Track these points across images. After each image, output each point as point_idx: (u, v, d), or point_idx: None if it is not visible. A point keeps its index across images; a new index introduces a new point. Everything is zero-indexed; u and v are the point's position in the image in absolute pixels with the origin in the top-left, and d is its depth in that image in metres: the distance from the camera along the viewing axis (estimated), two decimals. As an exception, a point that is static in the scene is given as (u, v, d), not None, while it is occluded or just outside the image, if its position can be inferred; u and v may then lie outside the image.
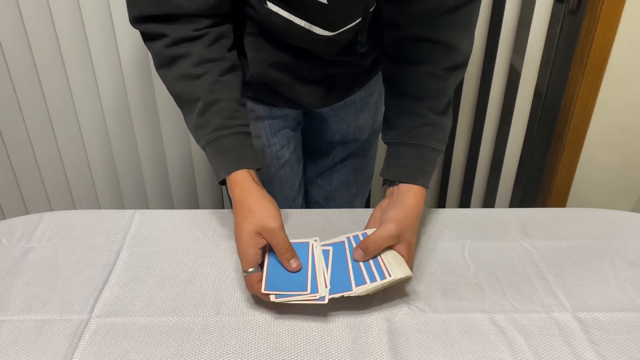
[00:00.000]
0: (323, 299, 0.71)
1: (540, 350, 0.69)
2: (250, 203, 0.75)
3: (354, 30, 0.82)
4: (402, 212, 0.78)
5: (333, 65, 0.92)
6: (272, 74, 0.90)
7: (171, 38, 0.78)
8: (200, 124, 0.80)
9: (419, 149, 0.84)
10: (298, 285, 0.72)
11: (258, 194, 0.76)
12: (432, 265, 0.82)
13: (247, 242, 0.73)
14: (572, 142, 1.54)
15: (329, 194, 1.21)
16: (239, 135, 0.80)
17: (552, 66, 1.50)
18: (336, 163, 1.17)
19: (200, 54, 0.79)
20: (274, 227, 0.73)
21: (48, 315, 0.74)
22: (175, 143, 1.60)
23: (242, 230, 0.74)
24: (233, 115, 0.80)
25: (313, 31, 0.80)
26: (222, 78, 0.80)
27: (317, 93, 0.96)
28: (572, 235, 0.89)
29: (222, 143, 0.79)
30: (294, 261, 0.74)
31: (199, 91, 0.79)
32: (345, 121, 1.09)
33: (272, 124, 1.01)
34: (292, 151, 1.06)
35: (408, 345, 0.69)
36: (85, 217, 0.93)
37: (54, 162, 1.65)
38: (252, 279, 0.73)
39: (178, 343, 0.70)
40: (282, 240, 0.73)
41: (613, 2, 1.32)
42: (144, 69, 1.47)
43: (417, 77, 0.85)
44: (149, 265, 0.83)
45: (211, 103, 0.79)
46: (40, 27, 1.40)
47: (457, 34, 0.83)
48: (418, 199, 0.81)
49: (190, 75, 0.79)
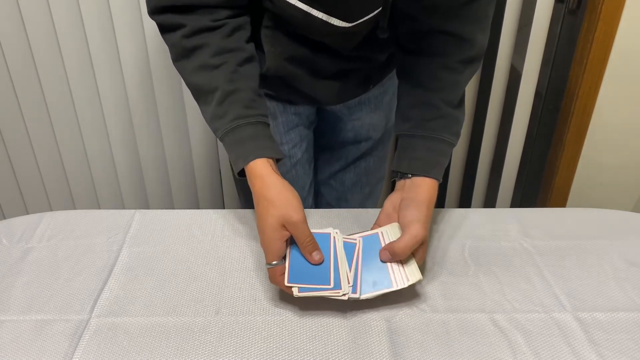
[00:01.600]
0: (345, 295, 0.71)
1: (540, 350, 0.69)
2: (272, 194, 0.74)
3: (372, 21, 0.82)
4: (424, 212, 0.77)
5: (349, 60, 0.93)
6: (288, 67, 0.90)
7: (189, 28, 0.78)
8: (219, 113, 0.79)
9: (432, 141, 0.83)
10: (321, 279, 0.72)
11: (279, 185, 0.75)
12: (432, 265, 0.82)
13: (271, 234, 0.73)
14: (572, 142, 1.54)
15: (341, 194, 1.21)
16: (258, 125, 0.79)
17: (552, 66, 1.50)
18: (349, 163, 1.17)
19: (218, 44, 0.79)
20: (296, 219, 0.72)
21: (48, 315, 0.74)
22: (175, 143, 1.60)
23: (266, 223, 0.73)
24: (251, 105, 0.79)
25: (331, 23, 0.80)
26: (240, 68, 0.80)
27: (332, 88, 0.97)
28: (572, 235, 0.89)
29: (240, 132, 0.78)
30: (316, 254, 0.74)
31: (218, 81, 0.79)
32: (359, 120, 1.09)
33: (286, 122, 1.01)
34: (304, 150, 1.07)
35: (408, 345, 0.69)
36: (85, 217, 0.93)
37: (54, 162, 1.65)
38: (276, 272, 0.73)
39: (178, 343, 0.70)
40: (305, 233, 0.73)
41: (613, 2, 1.32)
42: (144, 69, 1.47)
43: (432, 70, 0.84)
44: (149, 265, 0.83)
45: (229, 93, 0.78)
46: (40, 27, 1.40)
47: (472, 27, 0.83)
48: (431, 193, 0.80)
49: (208, 66, 0.79)
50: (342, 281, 0.72)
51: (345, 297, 0.71)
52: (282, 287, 0.73)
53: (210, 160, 1.64)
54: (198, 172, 1.65)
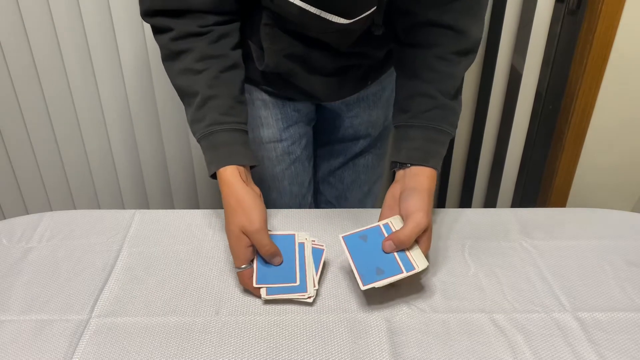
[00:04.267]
0: (311, 298, 0.75)
1: (540, 350, 0.69)
2: (234, 202, 0.78)
3: (369, 18, 0.83)
4: (426, 200, 0.78)
5: (347, 57, 0.94)
6: (287, 64, 0.92)
7: (177, 32, 0.81)
8: (197, 118, 0.82)
9: (430, 131, 0.84)
10: (287, 278, 0.76)
11: (242, 193, 0.78)
12: (432, 265, 0.82)
13: (235, 241, 0.77)
14: (572, 142, 1.54)
15: (341, 192, 1.22)
16: (234, 132, 0.82)
17: (552, 66, 1.50)
18: (348, 160, 1.18)
19: (203, 50, 0.82)
20: (253, 229, 0.76)
21: (48, 315, 0.74)
22: (175, 143, 1.60)
23: (229, 230, 0.77)
24: (228, 112, 0.82)
25: (329, 19, 0.81)
26: (222, 75, 0.82)
27: (330, 85, 0.98)
28: (572, 235, 0.89)
29: (215, 138, 0.81)
30: (276, 259, 0.78)
31: (199, 86, 0.82)
32: (358, 116, 1.10)
33: (285, 118, 1.02)
34: (304, 147, 1.07)
35: (408, 345, 0.69)
36: (85, 217, 0.93)
37: (54, 162, 1.65)
38: (244, 275, 0.76)
39: (178, 343, 0.70)
40: (262, 242, 0.76)
41: (613, 2, 1.32)
42: (144, 69, 1.46)
43: (428, 61, 0.86)
44: (149, 265, 0.83)
45: (208, 98, 0.81)
46: (40, 27, 1.40)
47: (467, 19, 0.85)
48: (431, 182, 0.81)
49: (192, 70, 0.82)
50: (308, 282, 0.76)
51: (310, 300, 0.75)
52: (251, 289, 0.76)
53: (210, 160, 1.63)
54: (198, 172, 1.65)
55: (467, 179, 1.73)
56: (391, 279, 0.72)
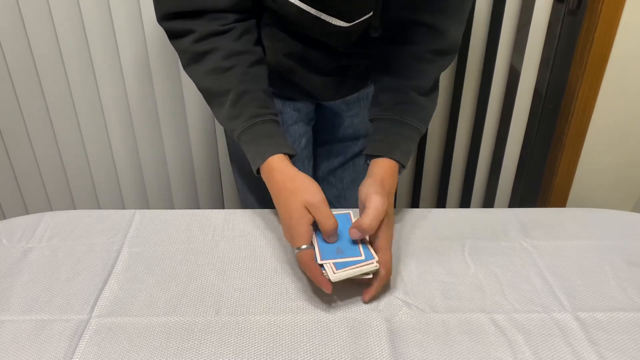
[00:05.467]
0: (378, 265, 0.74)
1: (540, 350, 0.69)
2: (290, 184, 0.77)
3: (368, 21, 0.84)
4: (379, 185, 0.79)
5: (346, 57, 0.94)
6: (287, 63, 0.92)
7: (199, 33, 0.81)
8: (234, 114, 0.82)
9: (397, 125, 0.86)
10: (351, 253, 0.76)
11: (298, 174, 0.79)
12: (432, 265, 0.82)
13: (298, 218, 0.75)
14: (572, 142, 1.54)
15: (340, 192, 1.22)
16: (272, 123, 0.82)
17: (552, 66, 1.50)
18: (347, 160, 1.18)
19: (228, 48, 0.81)
20: (315, 201, 0.75)
21: (48, 315, 0.74)
22: (175, 143, 1.60)
23: (291, 208, 0.76)
24: (264, 105, 0.82)
25: (329, 22, 0.81)
26: (250, 70, 0.83)
27: (330, 84, 0.99)
28: (572, 235, 0.89)
29: (256, 130, 0.81)
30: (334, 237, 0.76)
31: (230, 83, 0.81)
32: (358, 116, 1.11)
33: (285, 118, 1.02)
34: (304, 147, 1.08)
35: (408, 345, 0.69)
36: (85, 217, 0.93)
37: (54, 162, 1.65)
38: (306, 255, 0.74)
39: (178, 343, 0.70)
40: (326, 213, 0.75)
41: (613, 2, 1.32)
42: (145, 69, 1.47)
43: (402, 58, 0.87)
44: (149, 265, 0.83)
45: (242, 93, 0.81)
46: (40, 27, 1.40)
47: (445, 20, 0.85)
48: (387, 172, 0.82)
49: (220, 69, 0.81)
50: (372, 252, 0.76)
51: (377, 266, 0.74)
52: (311, 271, 0.74)
53: (210, 160, 1.64)
54: (198, 172, 1.65)
55: (466, 179, 1.74)
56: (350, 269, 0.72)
